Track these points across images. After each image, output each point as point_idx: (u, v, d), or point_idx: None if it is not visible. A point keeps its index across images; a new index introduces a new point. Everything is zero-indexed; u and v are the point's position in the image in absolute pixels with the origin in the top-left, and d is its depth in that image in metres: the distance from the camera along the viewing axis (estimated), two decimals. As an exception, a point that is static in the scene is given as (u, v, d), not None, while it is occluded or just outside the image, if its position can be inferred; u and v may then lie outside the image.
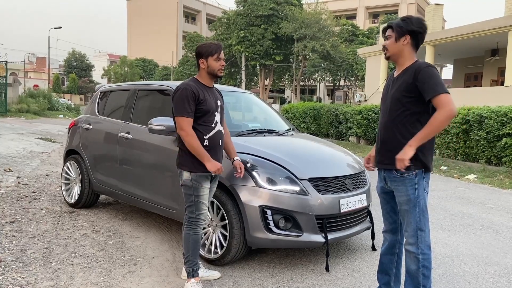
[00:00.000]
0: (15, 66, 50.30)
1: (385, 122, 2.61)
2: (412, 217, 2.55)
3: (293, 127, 4.89)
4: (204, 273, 3.26)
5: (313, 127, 16.44)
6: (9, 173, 7.07)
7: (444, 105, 2.36)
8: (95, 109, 5.24)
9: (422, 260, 2.54)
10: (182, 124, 2.91)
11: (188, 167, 2.97)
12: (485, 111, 9.13)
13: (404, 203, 2.56)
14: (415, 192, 2.53)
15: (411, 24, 2.52)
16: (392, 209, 2.75)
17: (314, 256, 3.80)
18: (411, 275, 2.60)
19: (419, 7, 51.30)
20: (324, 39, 32.11)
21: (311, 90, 51.77)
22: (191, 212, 3.01)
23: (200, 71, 3.07)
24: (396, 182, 2.58)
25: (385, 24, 2.69)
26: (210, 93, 3.06)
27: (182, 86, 2.97)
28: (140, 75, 55.84)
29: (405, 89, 2.49)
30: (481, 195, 6.75)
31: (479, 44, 17.10)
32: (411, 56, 2.57)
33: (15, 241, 3.94)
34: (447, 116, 2.36)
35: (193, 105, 2.92)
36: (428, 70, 2.43)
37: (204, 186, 3.01)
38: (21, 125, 15.93)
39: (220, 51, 3.02)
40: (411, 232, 2.56)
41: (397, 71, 2.64)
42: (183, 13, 66.03)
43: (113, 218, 4.89)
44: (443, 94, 2.37)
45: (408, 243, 2.59)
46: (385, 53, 2.65)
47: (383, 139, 2.61)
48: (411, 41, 2.55)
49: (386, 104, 2.63)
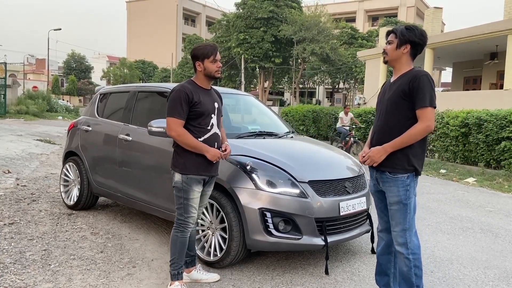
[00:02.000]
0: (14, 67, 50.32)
1: (381, 125, 2.69)
2: (402, 217, 2.62)
3: (292, 130, 4.89)
4: (203, 276, 3.25)
5: (313, 129, 16.46)
6: (7, 175, 7.06)
7: (425, 120, 2.50)
8: (94, 111, 5.23)
9: (413, 260, 2.62)
10: (171, 125, 2.89)
11: (180, 168, 2.95)
12: (484, 115, 9.14)
13: (395, 203, 2.63)
14: (406, 194, 2.60)
15: (414, 35, 2.60)
16: (386, 208, 2.79)
17: (314, 259, 3.79)
18: (404, 276, 2.65)
19: (419, 11, 51.42)
20: (323, 41, 32.14)
21: (311, 93, 51.81)
22: (180, 215, 2.99)
23: (197, 73, 3.05)
24: (388, 183, 2.64)
25: (390, 28, 2.77)
26: (208, 95, 3.04)
27: (177, 87, 2.96)
28: (139, 77, 55.88)
29: (402, 93, 2.58)
30: (480, 199, 6.75)
31: (478, 48, 17.14)
32: (408, 63, 2.67)
33: (13, 243, 3.93)
34: (425, 131, 2.52)
35: (186, 107, 2.90)
36: (424, 79, 2.52)
37: (194, 189, 2.97)
38: (20, 127, 15.91)
39: (216, 52, 2.99)
40: (400, 232, 2.64)
41: (394, 76, 2.73)
42: (182, 15, 66.15)
43: (112, 220, 4.88)
44: (429, 108, 2.51)
45: (398, 244, 2.65)
46: (384, 57, 2.73)
47: (378, 141, 2.67)
48: (410, 50, 2.64)
49: (382, 107, 2.71)
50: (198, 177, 2.97)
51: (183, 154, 2.95)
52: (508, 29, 13.88)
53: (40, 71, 59.59)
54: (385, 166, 2.61)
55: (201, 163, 2.96)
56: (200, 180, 3.00)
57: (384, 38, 11.38)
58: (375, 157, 2.60)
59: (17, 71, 50.69)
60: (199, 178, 2.98)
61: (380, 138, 2.65)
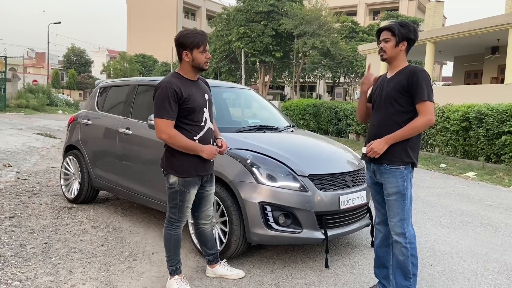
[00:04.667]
0: (14, 61, 50.16)
1: (379, 119, 2.73)
2: (400, 208, 2.66)
3: (293, 124, 4.88)
4: (228, 271, 3.21)
5: (313, 124, 16.44)
6: (8, 169, 7.06)
7: (426, 113, 2.56)
8: (94, 104, 5.23)
9: (410, 249, 2.66)
10: (161, 127, 2.66)
11: (176, 171, 2.79)
12: (485, 109, 9.12)
13: (393, 194, 2.67)
14: (404, 184, 2.65)
15: (410, 32, 2.67)
16: (383, 200, 2.81)
17: (314, 253, 3.80)
18: (400, 265, 2.70)
19: (420, 4, 51.18)
20: (324, 36, 32.08)
21: (311, 87, 51.74)
22: (173, 214, 2.89)
23: (183, 64, 2.78)
24: (386, 175, 2.69)
25: (384, 25, 2.80)
26: (196, 87, 2.81)
27: (163, 84, 2.68)
28: (139, 71, 55.74)
29: (400, 89, 2.63)
30: (480, 193, 6.75)
31: (479, 42, 17.08)
32: (404, 59, 2.74)
33: (14, 236, 3.94)
34: (427, 124, 2.59)
35: (175, 105, 2.67)
36: (422, 75, 2.58)
37: (191, 191, 2.86)
38: (20, 121, 15.91)
39: (206, 42, 2.74)
40: (398, 222, 2.68)
41: (390, 72, 2.78)
42: (182, 9, 65.85)
43: (112, 213, 4.89)
44: (428, 102, 2.56)
45: (395, 234, 2.70)
46: (381, 54, 2.76)
47: (376, 135, 2.70)
48: (406, 46, 2.71)
49: (380, 102, 2.74)
50: (196, 178, 2.85)
51: (178, 155, 2.77)
52: (510, 23, 13.83)
53: (40, 65, 59.43)
54: (384, 158, 2.66)
55: (198, 162, 2.82)
56: (198, 181, 2.88)
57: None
58: (377, 149, 2.63)
59: (17, 65, 50.55)
60: (197, 179, 2.87)
61: (379, 133, 2.68)
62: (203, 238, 3.19)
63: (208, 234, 3.18)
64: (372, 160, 2.73)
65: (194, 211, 3.11)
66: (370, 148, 2.66)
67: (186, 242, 3.88)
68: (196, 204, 3.05)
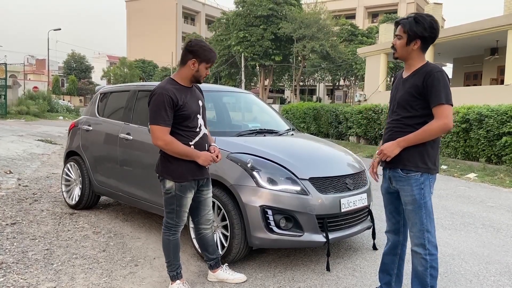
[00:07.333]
0: (15, 68, 50.32)
1: (393, 123, 2.60)
2: (417, 217, 2.52)
3: (293, 127, 4.89)
4: (230, 275, 3.21)
5: (313, 127, 16.45)
6: (9, 175, 7.07)
7: (442, 117, 2.39)
8: (95, 110, 5.24)
9: (430, 261, 2.52)
10: (157, 133, 2.70)
11: (172, 176, 2.82)
12: (485, 110, 9.13)
13: (410, 203, 2.53)
14: (420, 192, 2.50)
15: (424, 29, 2.45)
16: (395, 210, 2.74)
17: (315, 256, 3.80)
18: (418, 276, 2.58)
19: (418, 6, 51.29)
20: (323, 39, 32.11)
21: (311, 90, 51.76)
22: (170, 219, 2.90)
23: (185, 69, 2.82)
24: (401, 182, 2.56)
25: (398, 18, 2.62)
26: (191, 94, 2.86)
27: (158, 90, 2.70)
28: (139, 76, 55.81)
29: (415, 92, 2.47)
30: (481, 194, 6.75)
31: (478, 43, 17.12)
32: (420, 58, 2.54)
33: (16, 243, 3.95)
34: (442, 129, 2.41)
35: (171, 112, 2.70)
36: (438, 76, 2.41)
37: (188, 196, 2.88)
38: (20, 127, 15.94)
39: (214, 61, 2.87)
40: (417, 233, 2.53)
41: (405, 71, 2.62)
42: (182, 13, 66.09)
43: (114, 219, 4.90)
44: (446, 105, 2.39)
45: (415, 244, 2.57)
46: (393, 52, 2.62)
47: (390, 139, 2.58)
48: (421, 45, 2.50)
49: (394, 105, 2.62)
50: (192, 182, 2.88)
51: (174, 160, 2.80)
52: (508, 24, 13.85)
53: (41, 72, 59.61)
54: (397, 162, 2.53)
55: (193, 167, 2.85)
56: (194, 185, 2.91)
57: (384, 35, 11.53)
58: (387, 151, 2.51)
59: (17, 72, 50.71)
60: (193, 183, 2.90)
61: (392, 137, 2.57)
62: (204, 243, 3.19)
63: (209, 239, 3.18)
64: (387, 165, 2.60)
65: (194, 217, 3.12)
66: (380, 151, 2.55)
67: (187, 247, 3.89)
68: (195, 209, 3.06)
